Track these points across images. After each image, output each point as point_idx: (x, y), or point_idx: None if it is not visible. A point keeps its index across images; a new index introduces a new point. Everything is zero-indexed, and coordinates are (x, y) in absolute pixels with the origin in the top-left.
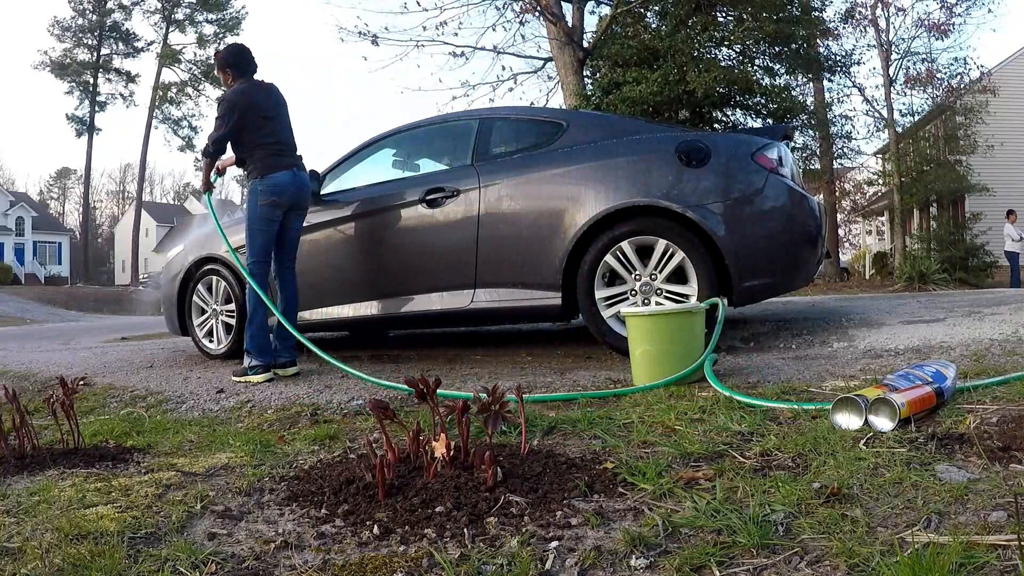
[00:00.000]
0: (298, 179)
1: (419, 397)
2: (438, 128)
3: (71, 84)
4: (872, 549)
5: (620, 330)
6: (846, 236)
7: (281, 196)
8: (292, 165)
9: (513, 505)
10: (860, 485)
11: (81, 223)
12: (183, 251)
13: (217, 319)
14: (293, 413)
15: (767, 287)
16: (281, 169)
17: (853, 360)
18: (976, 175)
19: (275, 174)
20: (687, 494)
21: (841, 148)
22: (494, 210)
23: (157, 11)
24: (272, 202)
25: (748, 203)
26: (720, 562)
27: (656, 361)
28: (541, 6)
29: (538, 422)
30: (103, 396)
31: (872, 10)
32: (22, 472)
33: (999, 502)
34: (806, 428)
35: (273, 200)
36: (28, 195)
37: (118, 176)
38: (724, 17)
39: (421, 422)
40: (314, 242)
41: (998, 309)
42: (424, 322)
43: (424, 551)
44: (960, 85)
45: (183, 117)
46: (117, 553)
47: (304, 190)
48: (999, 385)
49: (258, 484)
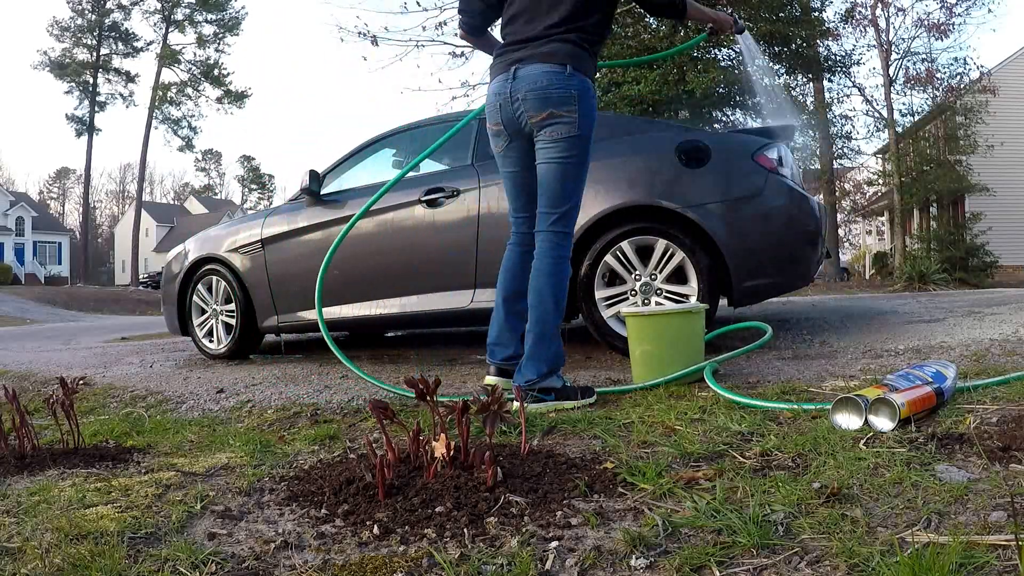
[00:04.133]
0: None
1: (419, 397)
2: (438, 128)
3: (71, 84)
4: (872, 549)
5: (620, 330)
6: (846, 236)
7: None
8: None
9: (513, 505)
10: (860, 485)
11: (81, 223)
12: (183, 251)
13: (217, 319)
14: (293, 413)
15: (767, 287)
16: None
17: (853, 360)
18: (976, 175)
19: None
20: (687, 494)
21: (841, 148)
22: (494, 210)
23: (156, 11)
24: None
25: (748, 203)
26: (720, 562)
27: (656, 361)
28: None
29: (538, 422)
30: (103, 396)
31: (872, 10)
32: (22, 472)
33: (999, 502)
34: (806, 428)
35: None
36: (28, 195)
37: (118, 176)
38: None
39: (421, 422)
40: (314, 242)
41: (998, 309)
42: (424, 322)
43: (424, 551)
44: (960, 85)
45: (183, 117)
46: (117, 553)
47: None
48: (999, 385)
49: (258, 484)
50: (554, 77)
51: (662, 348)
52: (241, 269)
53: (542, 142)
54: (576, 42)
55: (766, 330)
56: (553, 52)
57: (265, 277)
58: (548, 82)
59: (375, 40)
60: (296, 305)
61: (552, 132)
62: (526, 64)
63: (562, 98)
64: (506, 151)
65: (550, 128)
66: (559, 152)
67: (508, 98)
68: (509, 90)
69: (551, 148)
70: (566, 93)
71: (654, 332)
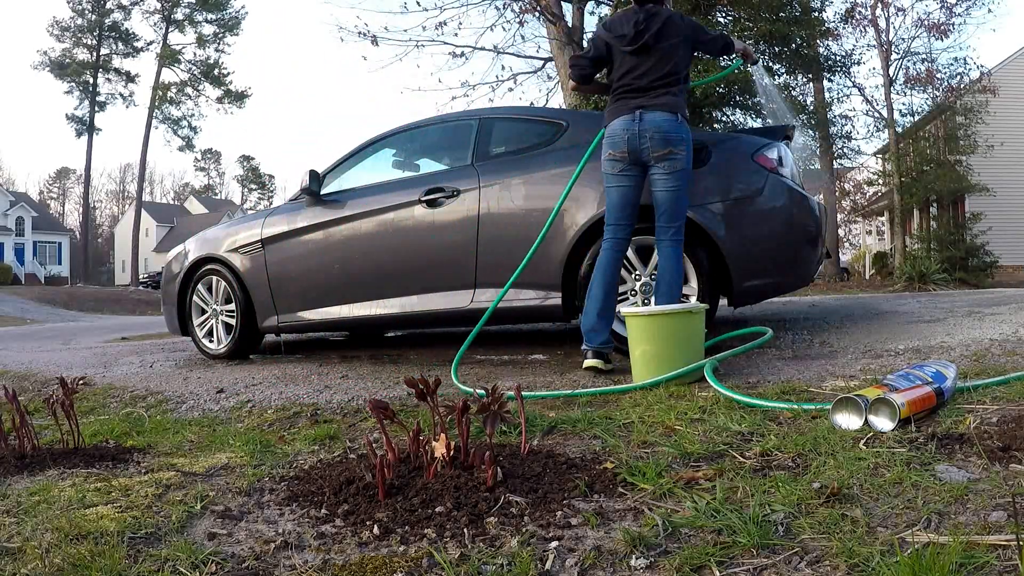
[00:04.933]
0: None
1: (419, 397)
2: (438, 128)
3: (71, 84)
4: (872, 549)
5: (620, 330)
6: (846, 236)
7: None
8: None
9: (513, 505)
10: (860, 485)
11: (81, 223)
12: (183, 251)
13: (217, 319)
14: (293, 413)
15: (767, 287)
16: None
17: (853, 360)
18: (976, 175)
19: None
20: (687, 494)
21: (841, 148)
22: (494, 210)
23: (156, 11)
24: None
25: (748, 203)
26: (720, 562)
27: (656, 361)
28: (541, 6)
29: (538, 422)
30: (103, 396)
31: (872, 10)
32: (22, 472)
33: (999, 502)
34: (806, 428)
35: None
36: (28, 195)
37: (118, 176)
38: (724, 17)
39: (421, 422)
40: (314, 242)
41: (998, 309)
42: (424, 322)
43: (424, 551)
44: (960, 85)
45: (183, 117)
46: (117, 553)
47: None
48: (999, 385)
49: (258, 484)
50: (672, 124)
51: (662, 348)
52: (241, 269)
53: (660, 173)
54: (677, 93)
55: (765, 332)
56: (666, 103)
57: (265, 277)
58: (668, 128)
59: (375, 40)
60: (296, 305)
61: (670, 166)
62: (649, 111)
63: (678, 140)
64: (621, 172)
65: (668, 162)
66: (676, 181)
67: (636, 134)
68: (637, 128)
69: (669, 179)
70: (679, 136)
71: (654, 332)
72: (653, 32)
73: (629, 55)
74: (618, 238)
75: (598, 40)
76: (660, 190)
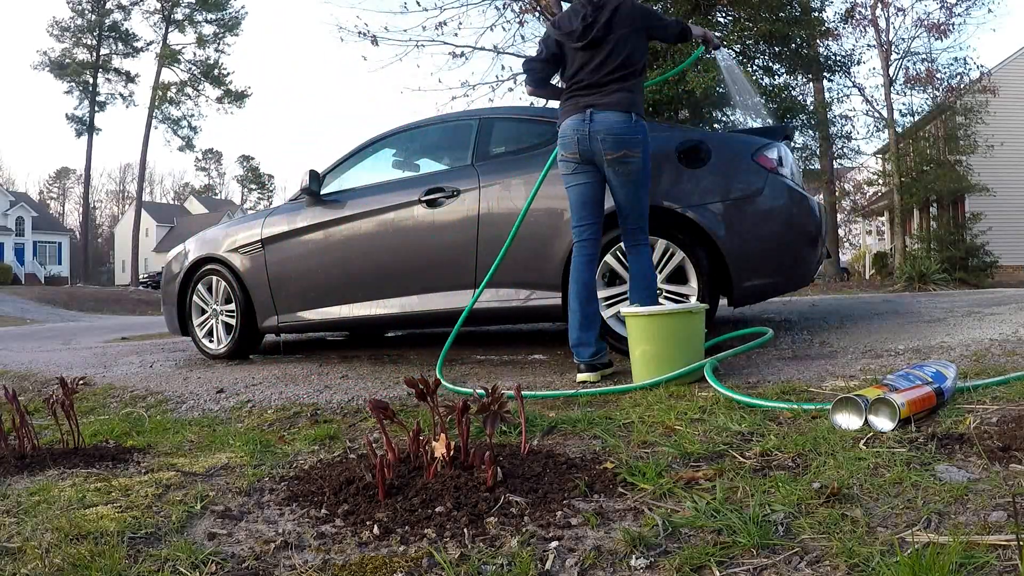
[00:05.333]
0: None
1: (419, 397)
2: (438, 128)
3: (71, 84)
4: (872, 549)
5: (620, 330)
6: (846, 236)
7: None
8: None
9: (513, 505)
10: (860, 485)
11: (81, 223)
12: (183, 251)
13: (217, 319)
14: (293, 413)
15: (767, 287)
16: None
17: (853, 360)
18: (976, 175)
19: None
20: (687, 494)
21: (841, 148)
22: (494, 210)
23: (156, 11)
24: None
25: (748, 203)
26: (720, 562)
27: (656, 361)
28: (541, 6)
29: (538, 422)
30: (103, 396)
31: (872, 10)
32: (22, 472)
33: (999, 502)
34: (806, 428)
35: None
36: (28, 195)
37: (118, 176)
38: (724, 17)
39: (421, 422)
40: (314, 242)
41: (998, 309)
42: (424, 322)
43: (424, 551)
44: (960, 85)
45: (183, 117)
46: (117, 553)
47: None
48: (999, 385)
49: (258, 484)
50: (625, 125)
51: (662, 348)
52: (241, 269)
53: (618, 176)
54: (632, 89)
55: (766, 332)
56: (619, 102)
57: (265, 277)
58: (621, 129)
59: (375, 40)
60: (296, 305)
61: (625, 168)
62: (600, 111)
63: (633, 142)
64: (575, 172)
65: (623, 165)
66: (633, 183)
67: (587, 135)
68: (588, 129)
69: (625, 181)
70: (634, 138)
71: (654, 332)
72: (602, 24)
73: (580, 51)
74: (584, 239)
75: (549, 40)
76: (618, 193)
